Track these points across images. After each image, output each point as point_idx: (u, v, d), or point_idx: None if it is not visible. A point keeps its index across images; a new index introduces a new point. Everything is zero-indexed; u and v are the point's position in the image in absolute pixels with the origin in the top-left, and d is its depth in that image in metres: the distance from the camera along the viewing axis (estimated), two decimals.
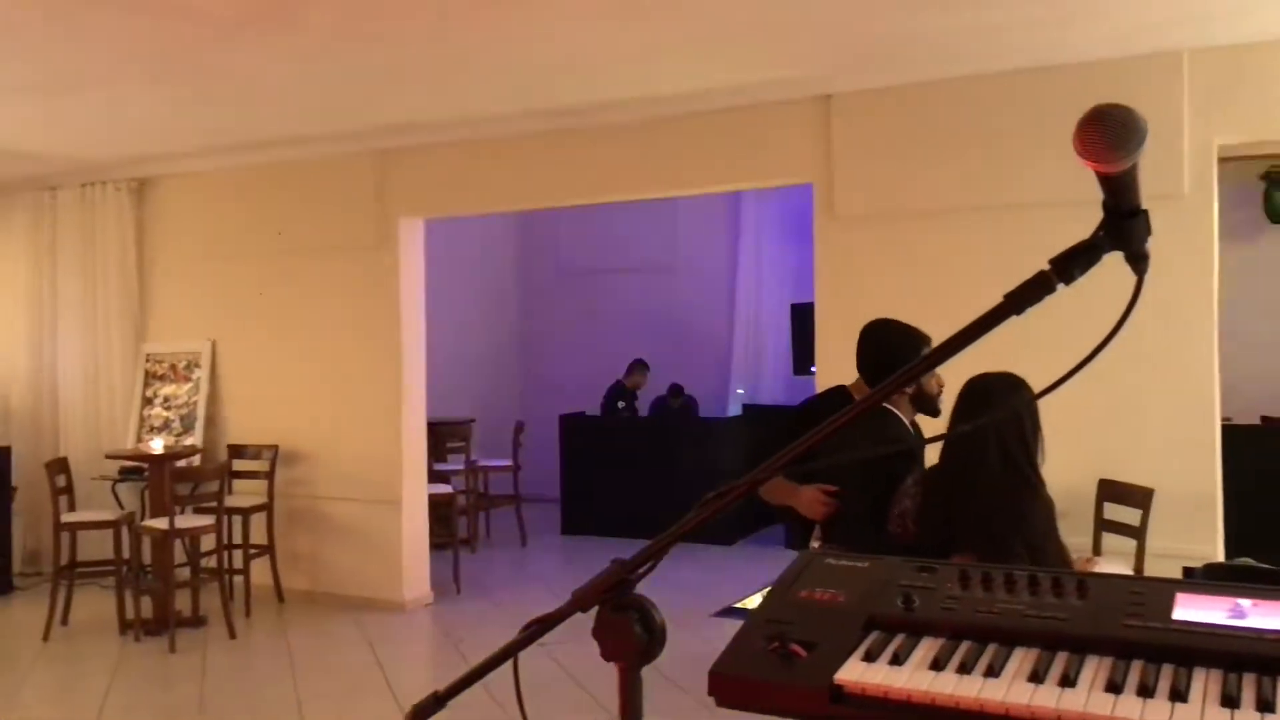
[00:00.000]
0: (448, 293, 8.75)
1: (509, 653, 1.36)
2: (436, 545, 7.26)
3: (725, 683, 1.33)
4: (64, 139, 6.82)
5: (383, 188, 6.87)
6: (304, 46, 4.87)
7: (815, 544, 3.37)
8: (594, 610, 1.30)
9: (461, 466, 8.58)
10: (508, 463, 8.81)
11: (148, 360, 7.78)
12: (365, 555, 6.94)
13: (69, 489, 6.70)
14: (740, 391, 9.94)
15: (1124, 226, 1.12)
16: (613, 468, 9.04)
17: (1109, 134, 1.06)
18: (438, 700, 1.36)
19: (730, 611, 6.13)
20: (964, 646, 1.32)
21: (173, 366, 7.69)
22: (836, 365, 3.71)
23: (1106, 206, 1.13)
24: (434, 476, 7.49)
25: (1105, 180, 1.11)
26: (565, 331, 10.87)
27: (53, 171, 7.82)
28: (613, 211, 9.15)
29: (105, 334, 7.90)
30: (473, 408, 9.34)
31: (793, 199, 8.39)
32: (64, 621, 6.48)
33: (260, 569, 6.94)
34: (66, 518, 6.54)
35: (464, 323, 9.78)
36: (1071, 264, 1.13)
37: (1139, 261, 1.15)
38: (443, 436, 8.56)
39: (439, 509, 7.40)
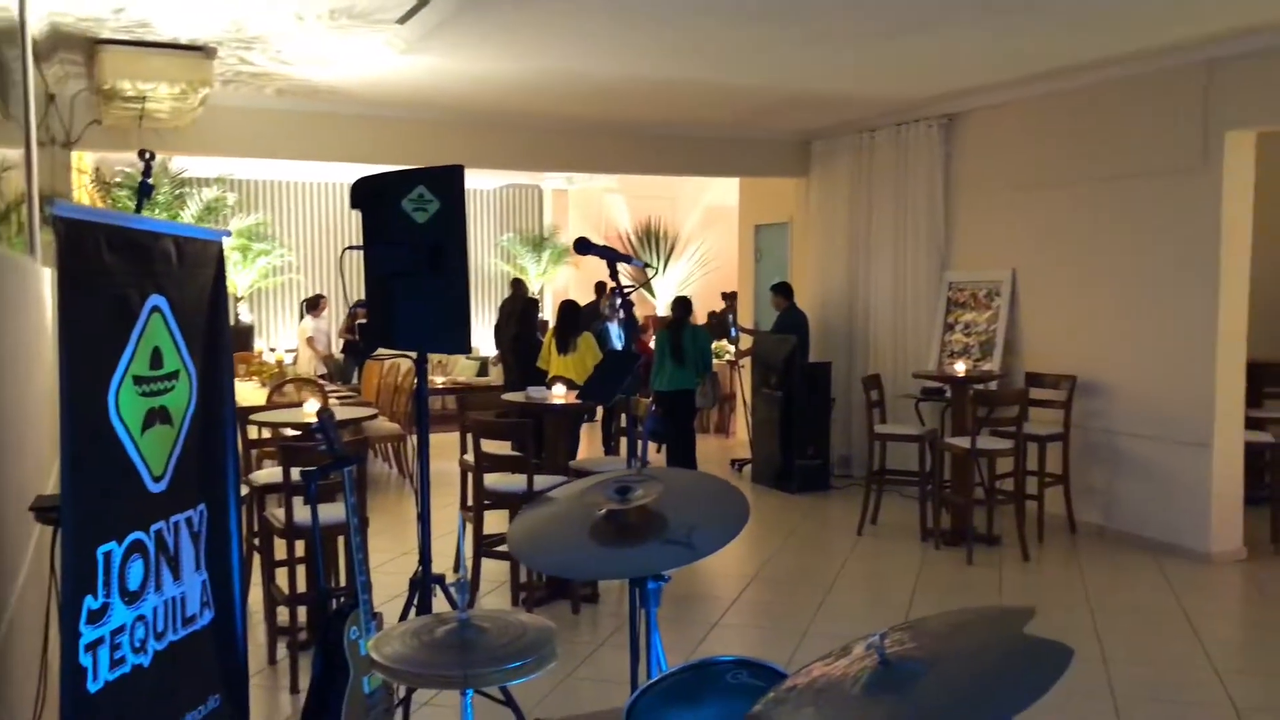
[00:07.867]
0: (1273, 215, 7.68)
1: None
2: (1248, 499, 6.54)
3: None
4: (886, 82, 7.41)
5: (1208, 101, 6.24)
6: None
7: None
8: None
9: None
10: None
11: (950, 288, 8.21)
12: (1166, 498, 6.53)
13: (881, 403, 7.40)
14: None
15: None
16: None
17: None
18: None
19: None
20: None
21: (973, 294, 8.01)
22: None
23: None
24: (1248, 423, 6.71)
25: None
26: None
27: (872, 114, 8.60)
28: None
29: (913, 262, 8.53)
30: None
31: None
32: (873, 521, 7.24)
33: (1053, 497, 6.93)
34: (879, 429, 7.24)
35: None
36: None
37: None
38: (1261, 379, 7.60)
39: (1252, 459, 6.64)
